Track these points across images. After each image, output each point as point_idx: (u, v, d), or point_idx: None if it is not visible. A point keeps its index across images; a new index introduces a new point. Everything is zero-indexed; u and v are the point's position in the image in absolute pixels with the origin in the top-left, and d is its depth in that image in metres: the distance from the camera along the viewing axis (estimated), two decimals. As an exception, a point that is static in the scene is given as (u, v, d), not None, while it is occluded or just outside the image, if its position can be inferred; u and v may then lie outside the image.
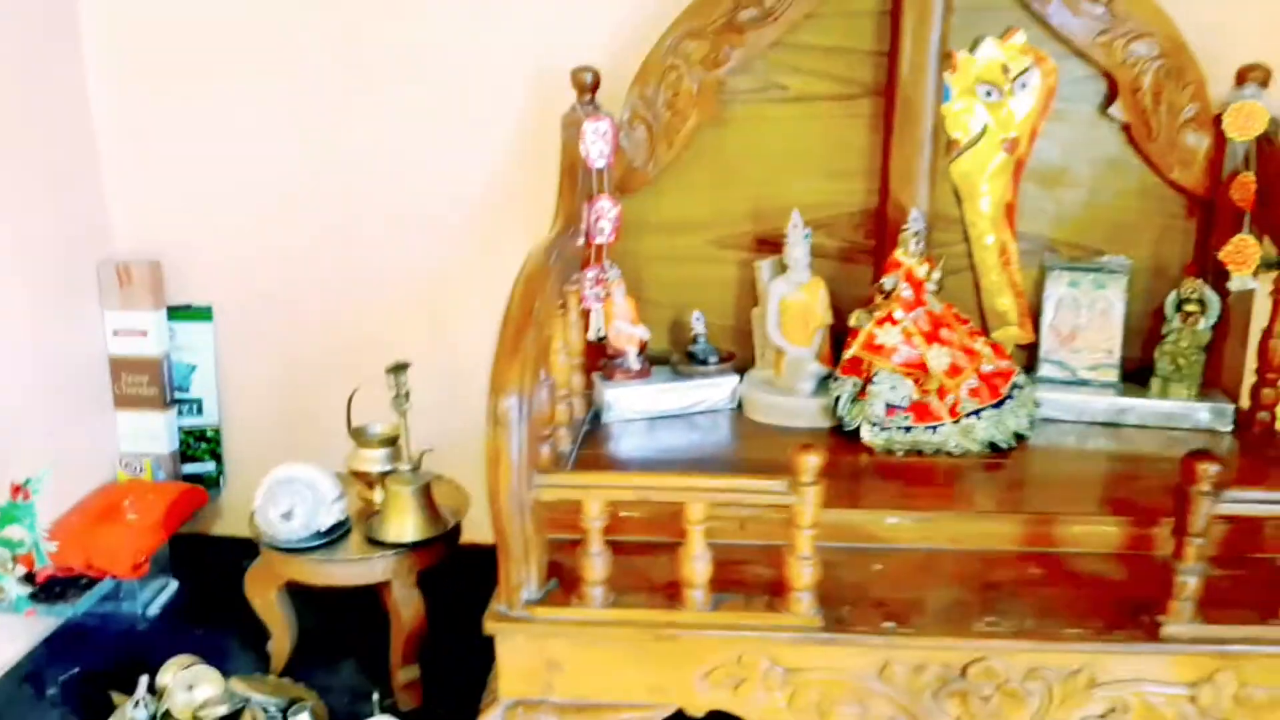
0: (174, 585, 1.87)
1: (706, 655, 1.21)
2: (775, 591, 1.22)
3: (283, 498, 1.44)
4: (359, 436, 1.60)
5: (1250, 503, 1.14)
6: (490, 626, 1.21)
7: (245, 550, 1.90)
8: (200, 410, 2.00)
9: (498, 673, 1.24)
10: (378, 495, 1.59)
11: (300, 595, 1.61)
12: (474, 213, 1.91)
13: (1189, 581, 1.17)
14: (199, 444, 2.01)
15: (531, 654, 1.22)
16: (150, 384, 1.92)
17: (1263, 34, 1.70)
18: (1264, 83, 1.64)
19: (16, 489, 1.42)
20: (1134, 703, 1.20)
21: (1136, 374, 1.74)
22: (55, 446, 1.74)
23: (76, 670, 1.64)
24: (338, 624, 1.72)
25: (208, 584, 1.89)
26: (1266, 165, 1.62)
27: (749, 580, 1.27)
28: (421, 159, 1.89)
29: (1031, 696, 1.20)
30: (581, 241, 1.65)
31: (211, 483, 2.00)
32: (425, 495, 1.51)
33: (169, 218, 1.94)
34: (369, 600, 1.64)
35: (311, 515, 1.45)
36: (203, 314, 1.96)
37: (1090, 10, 1.64)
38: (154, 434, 1.94)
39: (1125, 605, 1.23)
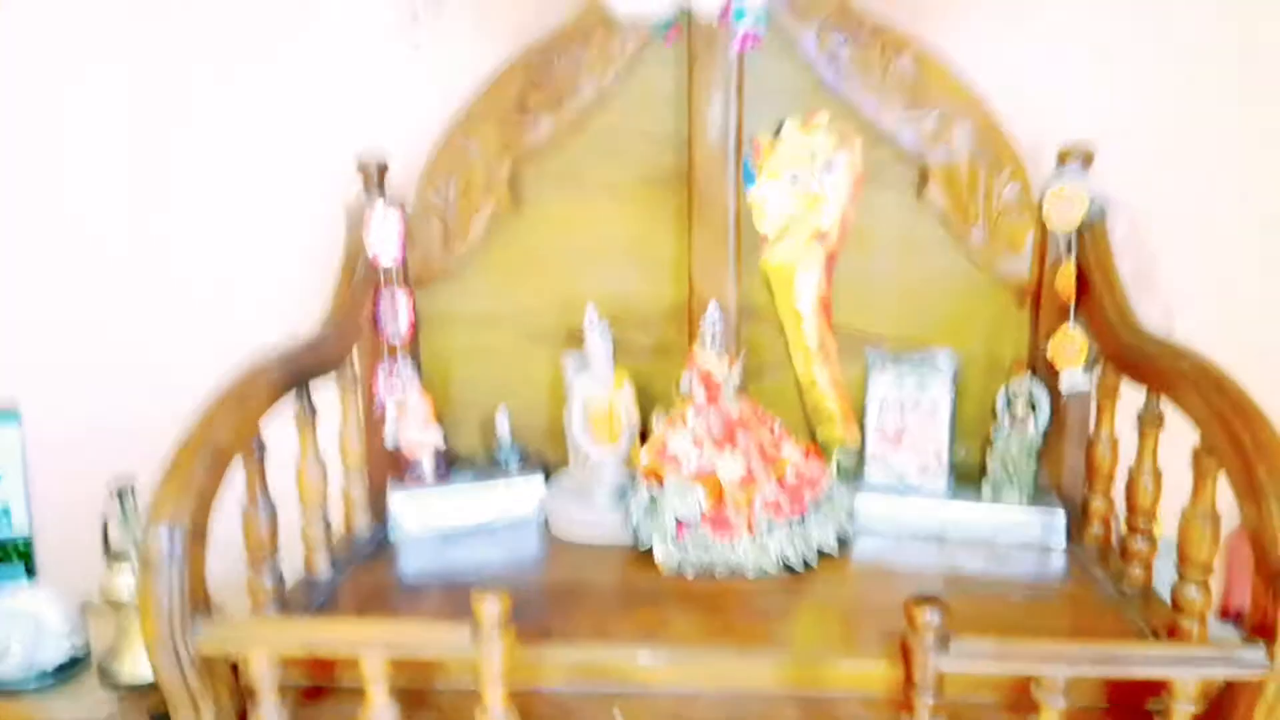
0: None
1: (391, 826, 1.08)
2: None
3: (0, 632, 1.33)
4: (115, 558, 1.49)
5: (975, 658, 1.00)
6: (150, 794, 1.09)
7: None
8: (8, 518, 1.89)
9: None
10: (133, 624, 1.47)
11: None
12: (276, 305, 1.81)
13: (923, 744, 1.02)
14: (11, 555, 1.90)
15: (200, 826, 1.09)
16: (-57, 492, 1.83)
17: (1089, 111, 1.60)
18: (1086, 163, 1.53)
19: None
20: None
21: (973, 479, 1.61)
22: None
23: None
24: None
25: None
26: (1086, 254, 1.51)
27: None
28: (225, 251, 1.82)
29: None
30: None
31: (16, 594, 1.89)
32: (160, 625, 1.39)
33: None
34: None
35: (32, 649, 1.34)
36: (8, 415, 1.87)
37: (893, 91, 1.55)
38: (-49, 545, 1.84)
39: (874, 764, 1.09)
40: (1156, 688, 1.08)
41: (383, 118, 1.72)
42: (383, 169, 1.61)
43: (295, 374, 1.34)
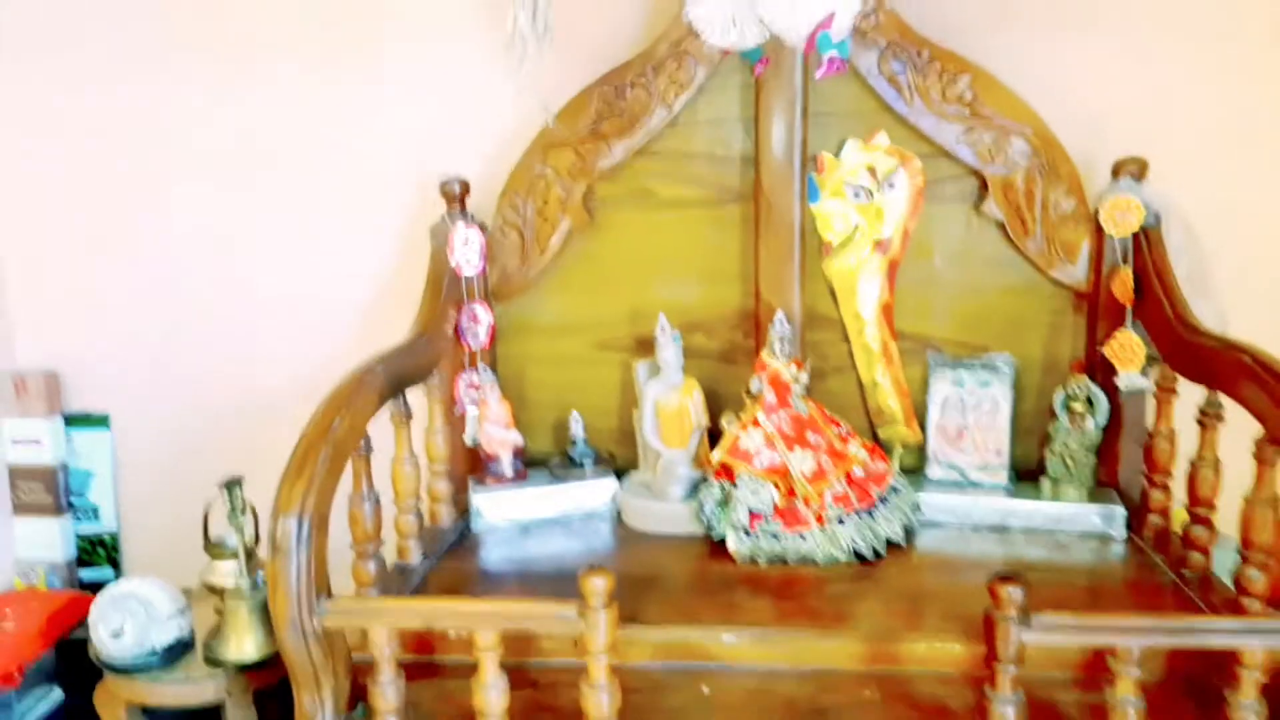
0: (58, 695, 1.84)
1: (503, 791, 1.15)
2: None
3: (113, 615, 1.43)
4: (214, 548, 1.58)
5: (1058, 630, 1.06)
6: (279, 760, 1.17)
7: None
8: (97, 516, 2.00)
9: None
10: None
11: (155, 714, 1.58)
12: (359, 318, 1.92)
13: (1005, 713, 1.09)
14: (96, 550, 2.00)
15: (326, 791, 1.17)
16: (46, 491, 1.94)
17: (1142, 125, 1.68)
18: (1140, 175, 1.61)
19: None
20: (959, 845, 1.12)
21: (1030, 475, 1.67)
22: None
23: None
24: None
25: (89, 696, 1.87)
26: (1143, 260, 1.58)
27: (569, 705, 1.21)
28: (313, 266, 1.93)
29: (848, 839, 1.12)
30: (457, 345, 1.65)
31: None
32: (266, 611, 1.48)
33: (66, 328, 1.98)
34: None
35: (144, 633, 1.43)
36: (99, 421, 1.98)
37: (952, 111, 1.63)
38: (49, 541, 1.95)
39: (956, 735, 1.16)
40: (1218, 665, 1.13)
41: (464, 140, 1.82)
42: (464, 189, 1.72)
43: (396, 380, 1.43)
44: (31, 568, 1.95)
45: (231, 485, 1.49)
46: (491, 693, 1.14)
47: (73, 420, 1.97)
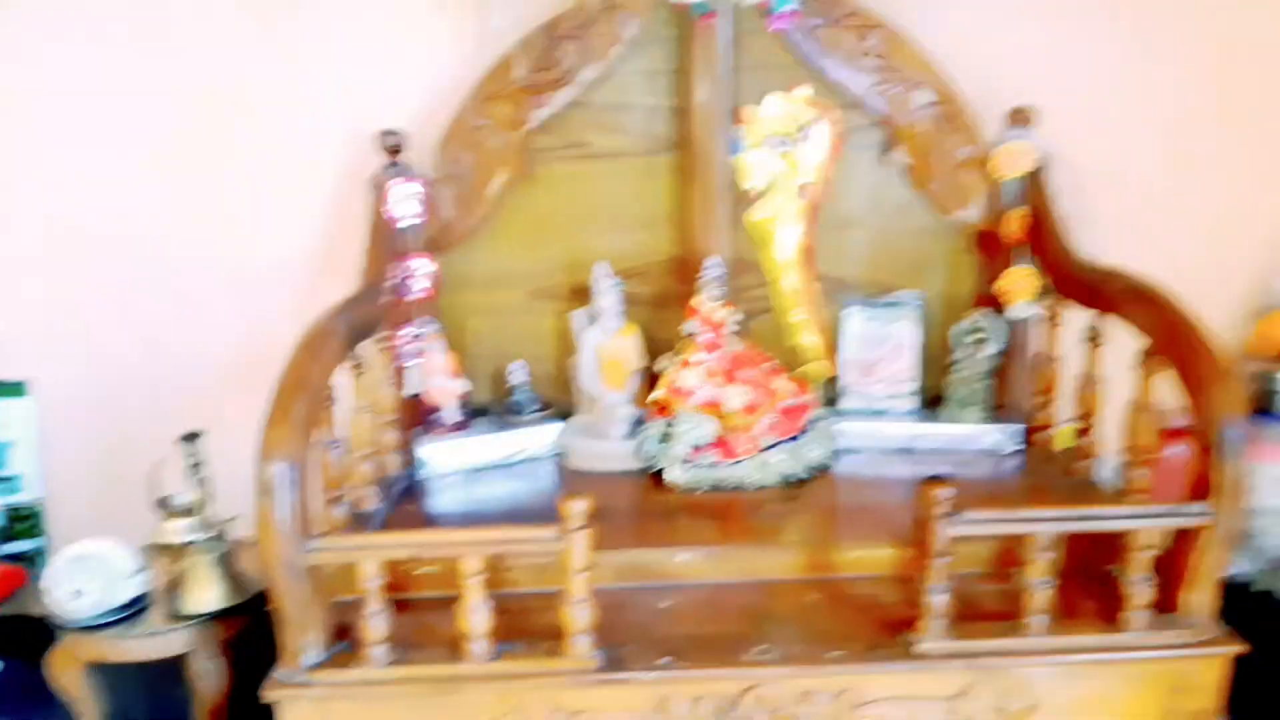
0: (-2, 666, 1.82)
1: (489, 706, 1.24)
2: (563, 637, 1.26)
3: (76, 574, 1.43)
4: (164, 507, 1.59)
5: (980, 522, 1.22)
6: (271, 694, 1.22)
7: None
8: (18, 487, 1.96)
9: (283, 738, 1.25)
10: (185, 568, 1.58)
11: (112, 673, 1.59)
12: (291, 275, 1.93)
13: (937, 600, 1.24)
14: (21, 523, 1.96)
15: (316, 719, 1.23)
16: (-37, 463, 1.89)
17: (1029, 77, 1.83)
18: (1027, 123, 1.77)
19: None
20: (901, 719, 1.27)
21: (936, 402, 1.84)
22: None
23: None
24: (150, 699, 1.69)
25: (33, 664, 1.84)
26: (1034, 201, 1.75)
27: (540, 628, 1.30)
28: (239, 223, 1.91)
29: (804, 720, 1.26)
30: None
31: (33, 561, 1.96)
32: (225, 563, 1.52)
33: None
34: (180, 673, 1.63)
35: (105, 592, 1.44)
36: (16, 389, 1.93)
37: (864, 65, 1.75)
38: (-32, 514, 1.90)
39: (890, 626, 1.30)
40: (1112, 554, 1.31)
41: (395, 93, 1.83)
42: (401, 142, 1.75)
43: (355, 331, 1.47)
44: (-56, 543, 1.90)
45: (190, 439, 1.50)
46: (476, 616, 1.22)
47: (-11, 388, 1.92)
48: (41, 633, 1.87)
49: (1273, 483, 1.75)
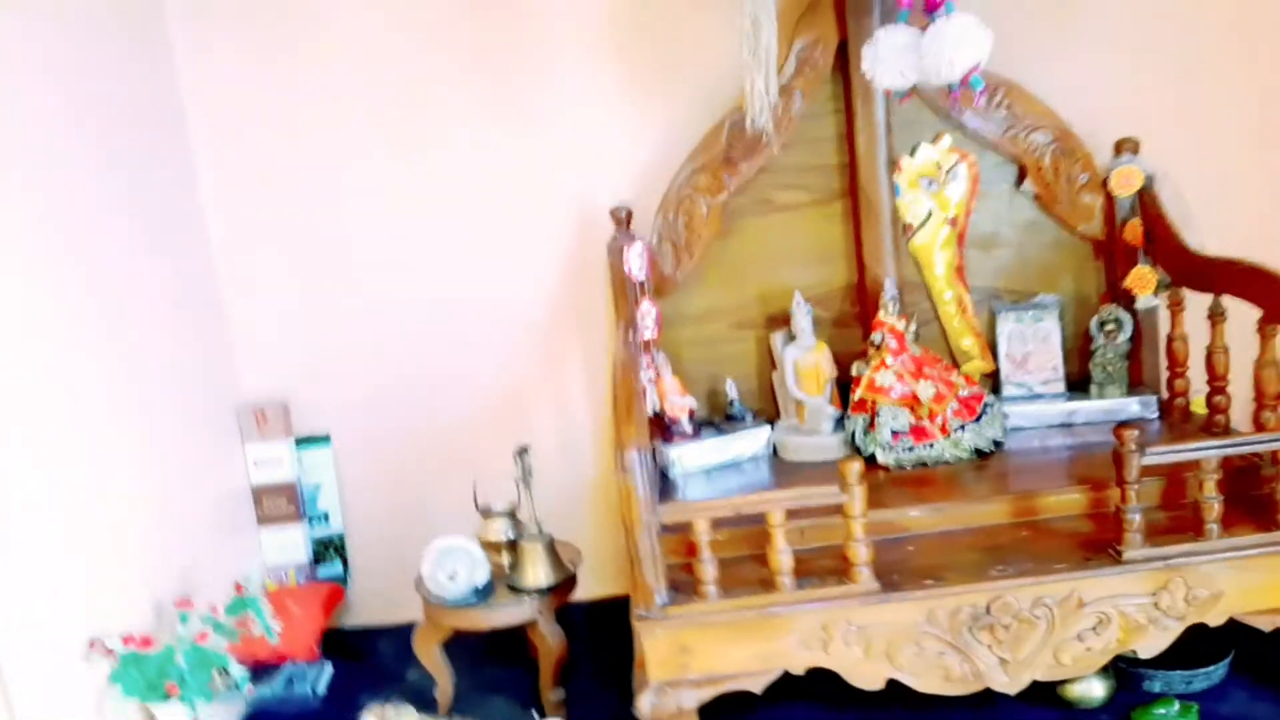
0: (330, 668, 2.22)
1: (798, 626, 1.63)
2: (839, 573, 1.64)
3: (448, 563, 1.84)
4: (485, 513, 2.01)
5: (1163, 454, 1.60)
6: (636, 625, 1.62)
7: (375, 636, 2.32)
8: (327, 521, 2.39)
9: (643, 662, 1.64)
10: (505, 558, 1.99)
11: (461, 647, 2.00)
12: (535, 327, 2.37)
13: (1134, 518, 1.62)
14: (328, 551, 2.39)
15: (668, 644, 1.62)
16: (288, 504, 2.32)
17: (1131, 112, 2.24)
18: (1135, 150, 2.17)
19: (240, 586, 1.81)
20: (1114, 614, 1.63)
21: (1078, 384, 2.22)
22: (211, 561, 2.11)
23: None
24: (479, 671, 2.10)
25: (353, 666, 2.26)
26: (1148, 211, 2.14)
27: (817, 570, 1.69)
28: (491, 288, 2.36)
29: (1039, 620, 1.62)
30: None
31: (340, 582, 2.38)
32: (551, 548, 1.92)
33: (285, 362, 2.36)
34: (500, 648, 2.03)
35: (470, 574, 1.85)
36: (322, 440, 2.38)
37: (995, 115, 2.17)
38: (293, 545, 2.33)
39: (1096, 545, 1.68)
40: (1256, 483, 1.68)
41: (619, 171, 2.29)
42: (629, 214, 2.19)
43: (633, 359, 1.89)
44: (282, 569, 2.32)
45: (522, 452, 1.92)
46: (783, 556, 1.62)
47: (299, 441, 2.36)
48: (356, 641, 2.31)
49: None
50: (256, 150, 2.30)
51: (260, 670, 2.02)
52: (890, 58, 1.66)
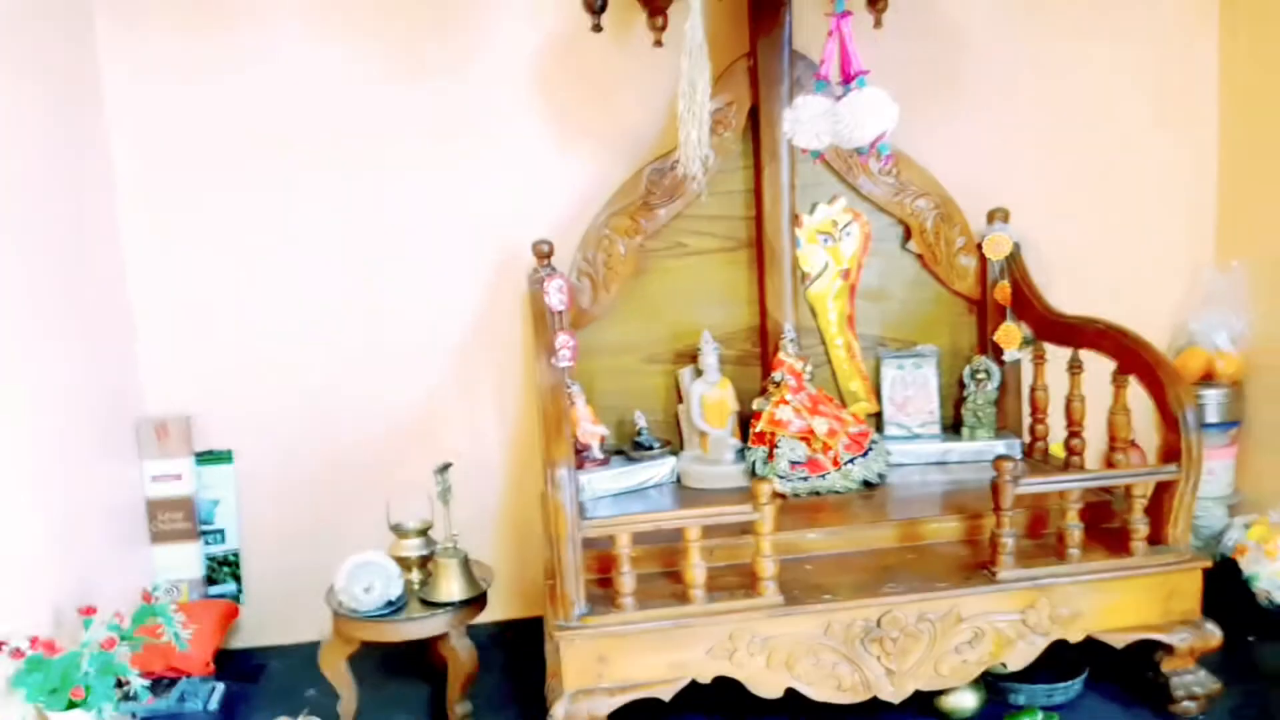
0: (221, 686, 2.17)
1: (708, 636, 1.73)
2: (746, 588, 1.76)
3: (364, 576, 1.85)
4: (399, 530, 2.03)
5: (1036, 484, 1.80)
6: (555, 635, 1.68)
7: (269, 656, 2.29)
8: (223, 539, 2.35)
9: (557, 671, 1.70)
10: (415, 575, 2.01)
11: (368, 661, 2.00)
12: (450, 351, 2.42)
13: (1008, 541, 1.80)
14: (222, 568, 2.35)
15: (585, 653, 1.70)
16: (184, 520, 2.27)
17: (1003, 183, 2.50)
18: (1005, 219, 2.43)
19: (147, 595, 1.77)
20: (988, 629, 1.80)
21: (952, 426, 2.43)
22: (108, 572, 2.04)
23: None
24: (382, 687, 2.10)
25: (247, 684, 2.22)
26: (1015, 275, 2.39)
27: (725, 585, 1.80)
28: (407, 311, 2.40)
29: (923, 634, 1.78)
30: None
31: (235, 600, 2.33)
32: (465, 565, 1.96)
33: (193, 376, 2.33)
34: (403, 665, 2.04)
35: (385, 588, 1.86)
36: (224, 457, 2.34)
37: (885, 180, 2.39)
38: (187, 561, 2.28)
39: (972, 566, 1.86)
40: (1108, 517, 1.90)
41: (539, 211, 2.39)
42: (550, 249, 2.29)
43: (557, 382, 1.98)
44: (175, 585, 2.26)
45: (444, 469, 1.96)
46: (697, 570, 1.73)
47: (200, 457, 2.32)
48: (245, 661, 2.27)
49: (1205, 476, 2.38)
50: (176, 164, 2.31)
51: (154, 683, 1.97)
52: (808, 121, 1.83)
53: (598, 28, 2.05)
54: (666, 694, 1.74)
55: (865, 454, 2.25)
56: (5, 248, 1.81)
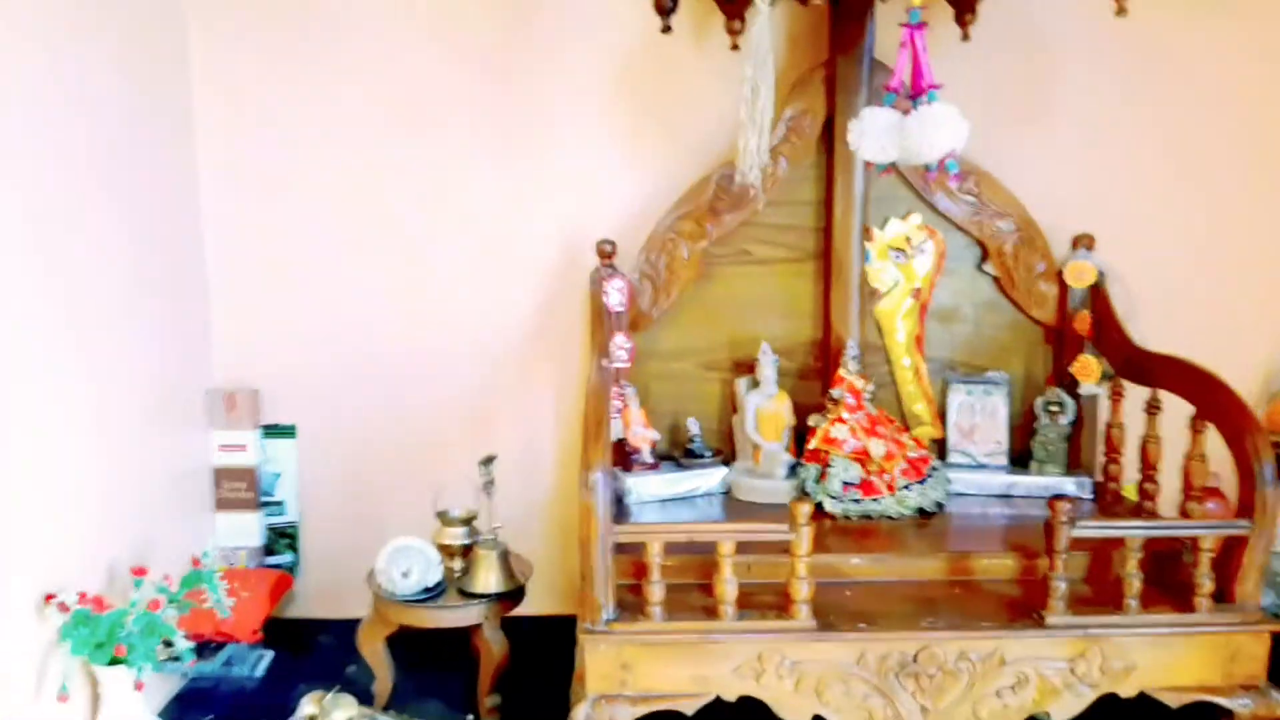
0: (270, 654, 2.24)
1: (736, 654, 1.70)
2: (780, 609, 1.72)
3: (402, 560, 1.89)
4: (443, 517, 2.06)
5: (1091, 528, 1.71)
6: (581, 638, 1.68)
7: (319, 628, 2.34)
8: (283, 510, 2.42)
9: (583, 675, 1.70)
10: (457, 564, 2.04)
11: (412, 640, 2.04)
12: (510, 345, 2.44)
13: (1060, 585, 1.72)
14: (280, 539, 2.42)
15: (610, 659, 1.69)
16: (247, 489, 2.35)
17: (1090, 209, 2.39)
18: (1090, 246, 2.32)
19: (196, 560, 1.84)
20: (1033, 675, 1.73)
21: (1020, 459, 2.34)
22: (166, 536, 2.13)
23: (212, 717, 2.01)
24: (418, 672, 2.14)
25: (295, 654, 2.28)
26: (1097, 305, 2.28)
27: (759, 604, 1.76)
28: (471, 303, 2.43)
29: (963, 674, 1.71)
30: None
31: (290, 571, 2.40)
32: (504, 558, 1.98)
33: (262, 352, 2.41)
34: (441, 652, 2.07)
35: (424, 574, 1.89)
36: (288, 431, 2.41)
37: (964, 199, 2.31)
38: (247, 530, 2.35)
39: (1021, 607, 1.78)
40: (1176, 570, 1.79)
41: (607, 211, 2.39)
42: (614, 248, 2.28)
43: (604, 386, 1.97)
44: (234, 553, 2.34)
45: (488, 461, 1.98)
46: (729, 586, 1.70)
47: (266, 430, 2.39)
48: (300, 631, 2.33)
49: (1287, 530, 2.24)
50: (259, 156, 2.38)
51: (201, 647, 2.04)
52: (875, 134, 1.78)
53: (667, 29, 2.03)
54: (690, 708, 1.71)
55: (924, 480, 2.18)
56: (96, 221, 1.90)
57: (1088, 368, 2.28)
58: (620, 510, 2.15)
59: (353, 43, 2.36)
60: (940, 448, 2.37)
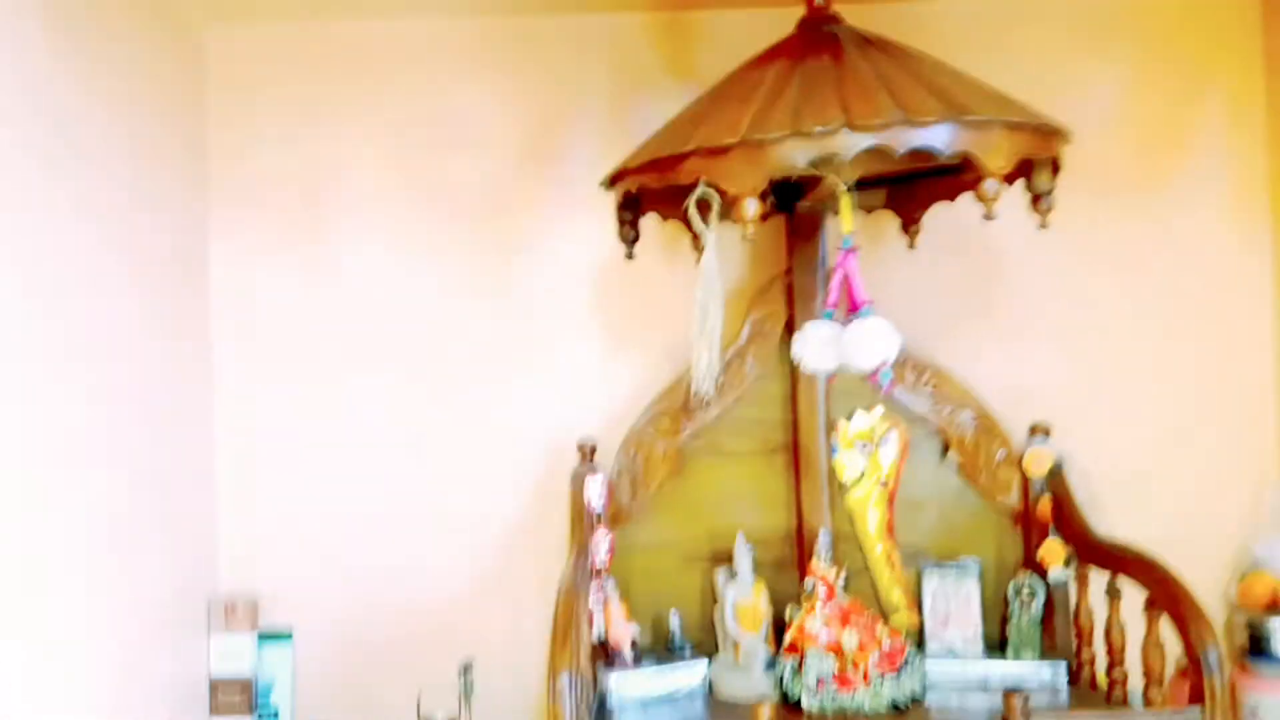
0: None
1: None
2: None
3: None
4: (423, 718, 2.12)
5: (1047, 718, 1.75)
6: None
7: None
8: (277, 718, 2.47)
9: None
10: (441, 772, 2.08)
11: None
12: (499, 546, 2.55)
13: (1023, 782, 1.75)
14: (272, 749, 2.47)
15: None
16: (241, 698, 2.42)
17: (1046, 398, 2.52)
18: (1046, 434, 2.44)
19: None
20: None
21: (998, 644, 2.37)
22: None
23: None
24: None
25: None
26: (1056, 491, 2.38)
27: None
28: (460, 507, 2.56)
29: None
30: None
31: (280, 783, 2.44)
32: (486, 762, 2.03)
33: (264, 559, 2.53)
34: None
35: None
36: (284, 636, 2.50)
37: (922, 393, 2.45)
38: (241, 739, 2.41)
39: (989, 805, 1.79)
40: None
41: (587, 409, 2.55)
42: (594, 448, 2.43)
43: (583, 583, 2.06)
44: (224, 762, 2.39)
45: (466, 669, 2.05)
46: (695, 792, 1.73)
47: (264, 637, 2.48)
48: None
49: (1272, 711, 2.24)
50: (272, 354, 2.58)
51: None
52: (815, 345, 1.95)
53: (630, 256, 2.24)
54: None
55: (899, 672, 2.22)
56: (108, 431, 2.08)
57: (1053, 552, 2.35)
58: (603, 711, 2.19)
59: (353, 257, 2.59)
60: (920, 635, 2.41)
